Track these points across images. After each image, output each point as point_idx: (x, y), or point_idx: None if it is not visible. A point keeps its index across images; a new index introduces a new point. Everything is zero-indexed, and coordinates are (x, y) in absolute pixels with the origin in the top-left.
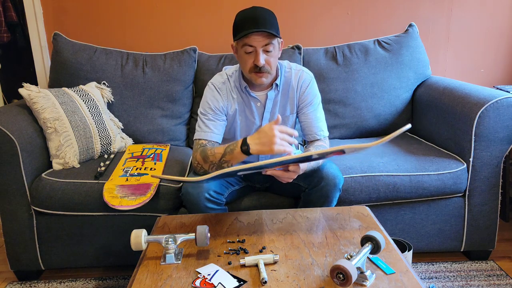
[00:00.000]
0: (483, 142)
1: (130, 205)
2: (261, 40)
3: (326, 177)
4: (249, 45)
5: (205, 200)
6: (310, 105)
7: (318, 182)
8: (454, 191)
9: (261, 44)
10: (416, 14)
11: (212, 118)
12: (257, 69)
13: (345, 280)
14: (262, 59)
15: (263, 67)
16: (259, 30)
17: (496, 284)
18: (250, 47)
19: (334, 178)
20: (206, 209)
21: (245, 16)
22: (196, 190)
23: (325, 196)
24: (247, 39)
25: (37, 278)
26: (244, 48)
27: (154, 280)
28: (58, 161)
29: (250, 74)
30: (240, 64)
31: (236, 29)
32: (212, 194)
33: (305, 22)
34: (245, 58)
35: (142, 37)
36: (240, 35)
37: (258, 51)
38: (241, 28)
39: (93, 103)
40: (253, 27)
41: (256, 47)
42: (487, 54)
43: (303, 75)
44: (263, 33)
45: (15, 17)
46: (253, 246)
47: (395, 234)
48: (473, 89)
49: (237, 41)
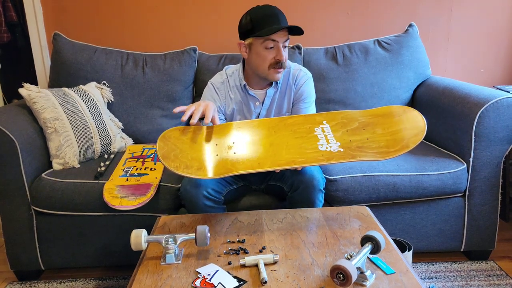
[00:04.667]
0: (483, 142)
1: (130, 205)
2: (283, 35)
3: (304, 180)
4: (273, 40)
5: (204, 198)
6: (303, 101)
7: (298, 185)
8: (454, 191)
9: (283, 39)
10: (416, 14)
11: None
12: (279, 64)
13: (345, 280)
14: (284, 54)
15: (283, 62)
16: (284, 27)
17: (496, 284)
18: (272, 42)
19: (312, 180)
20: (204, 207)
21: (265, 13)
22: (195, 188)
23: (306, 198)
24: (273, 34)
25: (37, 278)
26: (266, 43)
27: (154, 280)
28: (58, 161)
29: (268, 71)
30: (256, 61)
31: (256, 26)
32: (211, 192)
33: (305, 22)
34: (265, 54)
35: (142, 37)
36: (264, 31)
37: (279, 46)
38: (265, 25)
39: (93, 103)
40: (277, 24)
41: (278, 42)
42: (487, 54)
43: (300, 74)
44: (284, 29)
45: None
46: (253, 246)
47: (395, 234)
48: (473, 89)
49: (256, 38)
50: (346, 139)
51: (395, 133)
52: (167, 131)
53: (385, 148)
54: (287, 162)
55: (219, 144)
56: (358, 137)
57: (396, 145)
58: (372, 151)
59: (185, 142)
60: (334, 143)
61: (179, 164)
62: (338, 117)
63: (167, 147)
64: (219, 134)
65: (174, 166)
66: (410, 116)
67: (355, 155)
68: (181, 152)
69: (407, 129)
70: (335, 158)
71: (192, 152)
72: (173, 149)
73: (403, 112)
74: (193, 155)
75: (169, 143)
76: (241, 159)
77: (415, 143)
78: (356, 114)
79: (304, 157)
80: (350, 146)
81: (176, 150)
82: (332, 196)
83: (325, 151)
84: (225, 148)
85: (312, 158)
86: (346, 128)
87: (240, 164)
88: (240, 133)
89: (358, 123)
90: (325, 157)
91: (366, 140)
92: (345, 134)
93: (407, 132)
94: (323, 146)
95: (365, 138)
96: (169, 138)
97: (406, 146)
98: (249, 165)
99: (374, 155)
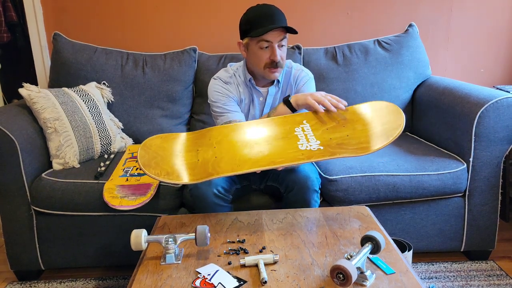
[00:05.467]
0: (483, 142)
1: (130, 205)
2: (277, 35)
3: (298, 180)
4: (266, 40)
5: (213, 196)
6: None
7: (292, 186)
8: (454, 191)
9: (278, 39)
10: (416, 14)
11: (227, 102)
12: (273, 64)
13: (345, 280)
14: (278, 54)
15: (279, 62)
16: (277, 27)
17: (496, 284)
18: (266, 42)
19: (306, 181)
20: (213, 205)
21: (260, 13)
22: (205, 185)
23: (302, 199)
24: (265, 35)
25: (37, 278)
26: (260, 43)
27: (154, 280)
28: (58, 161)
29: (264, 70)
30: (253, 60)
31: (252, 26)
32: (221, 190)
33: (305, 22)
34: (260, 54)
35: (142, 37)
36: (258, 31)
37: (274, 46)
38: (259, 25)
39: (93, 103)
40: (271, 24)
41: (272, 42)
42: (487, 54)
43: (301, 74)
44: (279, 29)
45: (15, 17)
46: (253, 246)
47: (395, 234)
48: (473, 89)
49: (251, 38)
50: (326, 137)
51: (375, 128)
52: (148, 139)
53: (365, 144)
54: (267, 163)
55: (201, 149)
56: (338, 134)
57: (376, 139)
58: (353, 147)
59: (166, 149)
60: (314, 141)
61: (160, 171)
62: (318, 116)
63: (148, 155)
64: (201, 139)
65: (155, 173)
66: (389, 110)
67: (335, 152)
68: (162, 159)
69: (386, 123)
70: (315, 156)
71: (173, 158)
72: (154, 156)
73: (382, 108)
74: (174, 161)
75: (150, 151)
76: (222, 162)
77: (394, 136)
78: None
79: (284, 157)
80: (330, 143)
81: (157, 158)
82: (332, 196)
83: (305, 150)
84: (206, 153)
85: (292, 157)
86: (326, 126)
87: (220, 168)
88: (222, 136)
89: (338, 121)
90: (305, 156)
91: (346, 137)
92: (325, 132)
93: (387, 126)
94: (303, 145)
95: (345, 135)
96: (150, 146)
97: (386, 140)
98: (229, 168)
99: (354, 151)
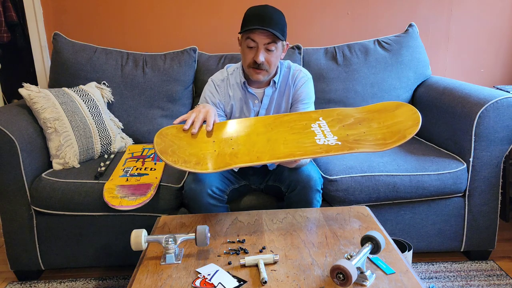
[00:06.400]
0: (483, 142)
1: (130, 205)
2: (264, 38)
3: (301, 180)
4: (252, 40)
5: (208, 197)
6: (301, 102)
7: (295, 186)
8: (454, 191)
9: (264, 42)
10: (416, 14)
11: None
12: (256, 65)
13: (345, 280)
14: (261, 57)
15: (262, 64)
16: (261, 28)
17: (496, 284)
18: (253, 42)
19: (309, 181)
20: (208, 206)
21: (254, 12)
22: (199, 186)
23: (304, 199)
24: (251, 34)
25: (37, 278)
26: (247, 42)
27: (154, 280)
28: (58, 161)
29: (248, 69)
30: (242, 57)
31: (243, 22)
32: (215, 190)
33: (305, 22)
34: (246, 52)
35: (142, 37)
36: (244, 28)
37: (260, 48)
38: (248, 23)
39: (93, 103)
40: (257, 24)
41: (258, 44)
42: (487, 54)
43: (300, 74)
44: (267, 32)
45: (15, 17)
46: (253, 246)
47: (395, 234)
48: (473, 89)
49: (242, 34)
50: (343, 133)
51: (391, 126)
52: (163, 128)
53: (382, 140)
54: (285, 155)
55: (217, 141)
56: (355, 131)
57: (393, 136)
58: (370, 143)
59: (182, 139)
60: (331, 137)
61: (177, 159)
62: (334, 114)
63: (164, 143)
64: (217, 132)
65: (172, 160)
66: (404, 110)
67: (353, 147)
68: (179, 148)
69: (402, 121)
70: (333, 150)
71: (190, 148)
72: (170, 145)
73: (396, 107)
74: (191, 151)
75: (166, 140)
76: (240, 153)
77: (411, 134)
78: (351, 111)
79: (302, 150)
80: (347, 139)
81: (174, 146)
82: (332, 196)
83: (323, 144)
84: (223, 144)
85: (310, 151)
86: (342, 123)
87: (238, 159)
88: (237, 130)
89: (354, 119)
90: (323, 150)
91: (363, 134)
92: (342, 129)
93: (403, 125)
94: (320, 140)
95: (362, 132)
96: (166, 135)
97: (403, 137)
98: (247, 159)
99: (372, 147)
